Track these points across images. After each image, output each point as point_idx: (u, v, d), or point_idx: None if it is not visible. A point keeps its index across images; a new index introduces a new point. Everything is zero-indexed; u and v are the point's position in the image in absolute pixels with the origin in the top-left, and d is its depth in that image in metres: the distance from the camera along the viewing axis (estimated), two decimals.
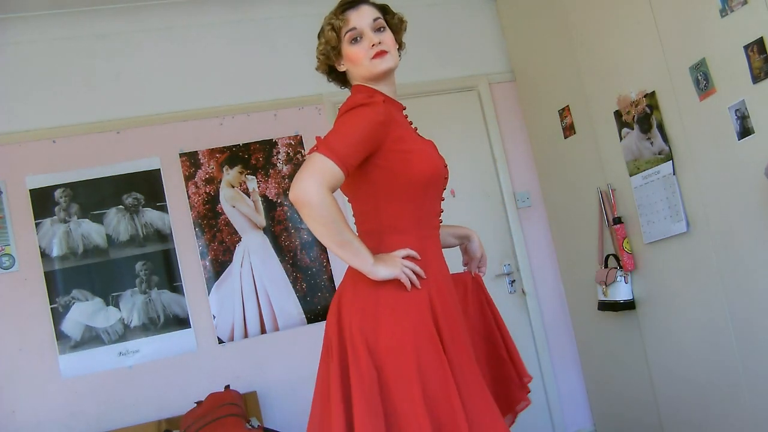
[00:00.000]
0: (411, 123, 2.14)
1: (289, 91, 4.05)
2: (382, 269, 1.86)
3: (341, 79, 2.15)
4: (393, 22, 2.09)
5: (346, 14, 2.02)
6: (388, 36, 2.03)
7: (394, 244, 1.96)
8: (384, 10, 2.09)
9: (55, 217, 3.64)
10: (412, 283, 1.90)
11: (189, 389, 3.59)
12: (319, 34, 2.10)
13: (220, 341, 3.76)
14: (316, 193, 1.76)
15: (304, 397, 3.70)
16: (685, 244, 3.15)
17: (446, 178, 2.09)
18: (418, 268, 1.91)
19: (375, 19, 2.02)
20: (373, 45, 1.99)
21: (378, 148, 1.91)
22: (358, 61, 2.01)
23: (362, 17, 2.01)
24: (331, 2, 2.08)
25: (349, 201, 2.08)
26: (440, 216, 2.11)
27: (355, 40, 2.01)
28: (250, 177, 3.93)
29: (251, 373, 3.74)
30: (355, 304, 1.93)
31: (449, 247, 2.26)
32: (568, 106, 3.85)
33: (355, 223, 2.08)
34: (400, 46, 2.14)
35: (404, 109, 2.14)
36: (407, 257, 1.92)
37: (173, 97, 3.89)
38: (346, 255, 1.85)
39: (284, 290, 3.88)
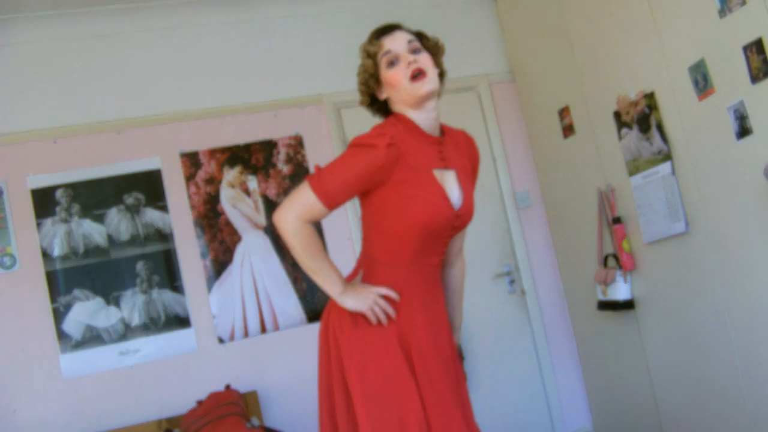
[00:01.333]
0: (444, 159, 2.08)
1: (289, 91, 4.06)
2: (350, 301, 1.95)
3: (384, 109, 2.13)
4: (429, 45, 2.09)
5: (381, 40, 2.03)
6: (424, 57, 2.02)
7: (379, 273, 2.02)
8: (419, 35, 2.09)
9: (56, 216, 3.64)
10: (379, 320, 1.96)
11: (189, 389, 3.60)
12: (358, 70, 2.09)
13: (221, 341, 3.76)
14: (291, 224, 1.90)
15: (305, 396, 3.75)
16: (685, 244, 3.16)
17: (456, 224, 2.07)
18: (390, 310, 1.96)
19: (409, 42, 2.03)
20: (409, 63, 1.98)
21: (376, 186, 1.95)
22: (397, 84, 2.01)
23: (396, 41, 2.02)
24: (331, 2, 2.09)
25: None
26: (442, 254, 2.10)
27: (391, 64, 2.01)
28: (250, 177, 3.94)
29: (251, 372, 3.74)
30: (334, 332, 2.04)
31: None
32: (567, 106, 3.86)
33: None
34: (441, 71, 2.12)
35: (441, 143, 2.10)
36: (384, 296, 1.97)
37: (173, 97, 3.89)
38: (317, 280, 1.98)
39: (284, 290, 3.88)
